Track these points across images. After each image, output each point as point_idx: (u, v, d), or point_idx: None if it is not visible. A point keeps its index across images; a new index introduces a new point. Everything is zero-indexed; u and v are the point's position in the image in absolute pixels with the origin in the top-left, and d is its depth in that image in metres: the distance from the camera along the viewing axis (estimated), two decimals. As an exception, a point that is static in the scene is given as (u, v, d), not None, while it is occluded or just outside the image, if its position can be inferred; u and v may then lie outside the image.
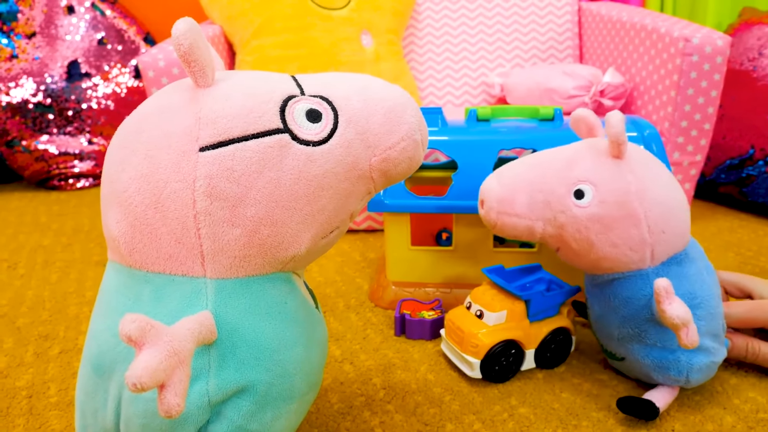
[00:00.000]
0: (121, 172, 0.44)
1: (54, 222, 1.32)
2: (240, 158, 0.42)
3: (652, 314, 0.62)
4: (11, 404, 0.69)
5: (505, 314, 0.70)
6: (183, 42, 0.41)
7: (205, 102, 0.43)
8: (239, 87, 0.45)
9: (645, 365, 0.65)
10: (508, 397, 0.68)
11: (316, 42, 1.30)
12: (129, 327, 0.34)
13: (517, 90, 1.34)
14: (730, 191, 1.33)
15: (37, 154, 1.54)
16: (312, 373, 0.50)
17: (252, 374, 0.44)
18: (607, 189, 0.61)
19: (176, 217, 0.42)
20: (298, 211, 0.45)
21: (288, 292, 0.48)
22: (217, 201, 0.42)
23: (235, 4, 1.30)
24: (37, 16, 1.52)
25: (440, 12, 1.48)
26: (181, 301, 0.43)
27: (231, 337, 0.44)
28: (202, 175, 0.42)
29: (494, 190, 0.64)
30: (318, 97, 0.47)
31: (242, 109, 0.43)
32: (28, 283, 1.01)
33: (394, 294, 0.89)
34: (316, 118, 0.46)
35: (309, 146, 0.45)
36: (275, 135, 0.44)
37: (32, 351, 0.80)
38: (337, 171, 0.46)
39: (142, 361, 0.34)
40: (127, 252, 0.44)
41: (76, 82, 1.54)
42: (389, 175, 0.50)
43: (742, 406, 0.66)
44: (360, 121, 0.48)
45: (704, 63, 1.06)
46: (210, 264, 0.43)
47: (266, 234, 0.44)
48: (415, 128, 0.50)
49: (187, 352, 0.37)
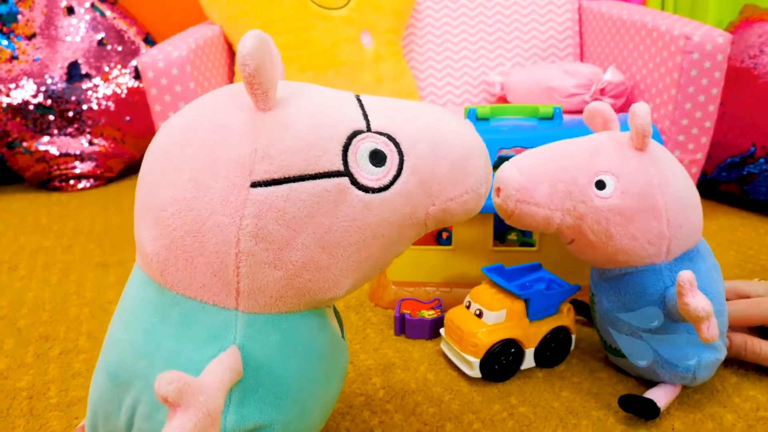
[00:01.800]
0: (161, 187, 0.41)
1: (55, 223, 1.32)
2: (294, 200, 0.39)
3: (664, 309, 0.62)
4: (11, 405, 0.69)
5: (504, 313, 0.70)
6: (250, 63, 0.37)
7: (264, 131, 0.40)
8: (303, 114, 0.41)
9: (653, 360, 0.65)
10: (508, 396, 0.68)
11: (316, 42, 1.30)
12: (167, 389, 0.32)
13: (518, 89, 1.34)
14: (731, 189, 1.32)
15: (37, 156, 1.54)
16: (329, 405, 0.49)
17: (271, 413, 0.43)
18: (629, 180, 0.60)
19: (216, 251, 0.40)
20: (345, 258, 0.42)
21: (318, 329, 0.46)
22: (262, 243, 0.39)
23: (234, 4, 1.30)
24: (37, 18, 1.53)
25: (440, 11, 1.48)
26: (210, 330, 0.41)
27: (256, 374, 0.42)
28: (251, 213, 0.39)
29: (514, 178, 0.62)
30: (385, 136, 0.43)
31: (303, 144, 0.40)
32: (29, 285, 1.01)
33: (394, 293, 0.89)
34: (380, 161, 0.42)
35: (369, 193, 0.42)
36: (335, 178, 0.40)
37: (32, 352, 0.80)
38: (392, 220, 0.43)
39: (178, 424, 0.33)
40: (159, 272, 0.42)
41: (77, 83, 1.54)
42: (443, 223, 0.47)
43: (742, 405, 0.66)
44: (426, 169, 0.44)
45: (705, 61, 1.05)
46: (245, 300, 0.41)
47: (308, 278, 0.42)
48: (482, 181, 0.46)
49: (220, 410, 0.36)
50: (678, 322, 0.62)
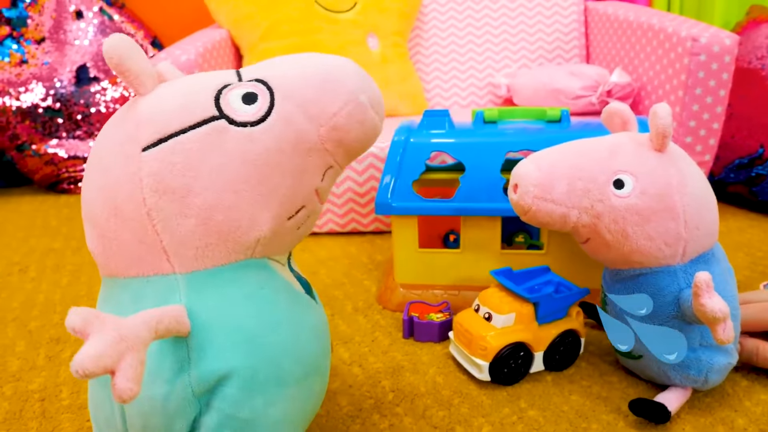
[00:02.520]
0: (87, 189, 0.47)
1: (64, 225, 1.33)
2: (180, 150, 0.43)
3: (678, 311, 0.62)
4: (24, 407, 0.69)
5: (513, 317, 0.70)
6: (113, 55, 0.43)
7: (143, 107, 0.45)
8: (176, 87, 0.46)
9: (664, 363, 0.64)
10: (517, 400, 0.68)
11: (322, 45, 1.31)
12: (72, 319, 0.35)
13: (524, 91, 1.34)
14: (739, 191, 1.32)
15: (46, 158, 1.55)
16: (305, 357, 0.49)
17: (232, 360, 0.44)
18: (648, 180, 0.60)
19: (133, 218, 0.44)
20: (248, 192, 0.45)
21: (265, 279, 0.48)
22: (165, 195, 0.43)
23: (241, 7, 1.31)
24: (46, 22, 1.54)
25: (446, 13, 1.48)
26: (156, 299, 0.44)
27: (207, 326, 0.44)
28: (146, 173, 0.43)
29: (532, 175, 0.63)
30: (253, 81, 0.47)
31: (177, 105, 0.45)
32: (39, 287, 1.02)
33: (402, 296, 0.89)
34: (252, 100, 0.46)
35: (247, 127, 0.45)
36: (211, 122, 0.44)
37: (44, 354, 0.81)
38: (282, 147, 0.46)
39: (86, 348, 0.34)
40: (103, 263, 0.46)
41: (85, 87, 1.55)
42: (345, 144, 0.49)
43: (753, 409, 0.65)
44: (296, 93, 0.47)
45: (712, 62, 1.05)
46: (175, 258, 0.44)
47: (220, 219, 0.44)
48: (355, 90, 0.48)
49: (137, 338, 0.37)
50: (692, 324, 0.62)
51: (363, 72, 0.50)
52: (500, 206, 0.81)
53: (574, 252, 0.83)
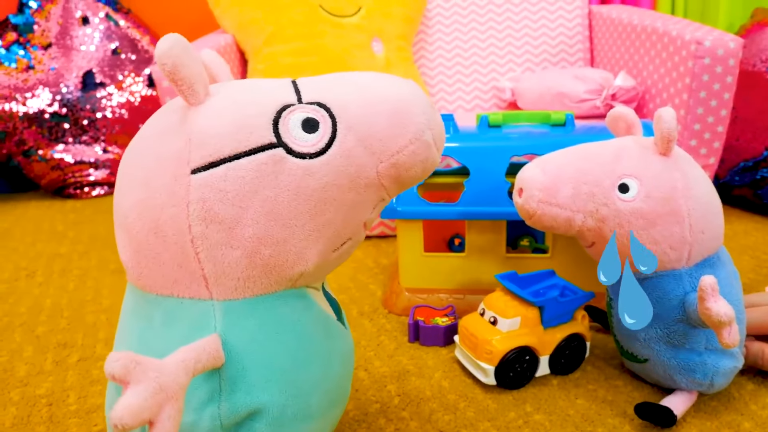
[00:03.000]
0: (123, 198, 0.44)
1: (70, 230, 1.34)
2: (233, 178, 0.41)
3: (683, 315, 0.62)
4: (32, 412, 0.70)
5: (518, 321, 0.70)
6: (166, 61, 0.39)
7: (195, 121, 0.42)
8: (231, 101, 0.43)
9: (670, 367, 0.64)
10: (523, 404, 0.68)
11: (327, 49, 1.31)
12: (112, 366, 0.33)
13: (528, 94, 1.34)
14: (744, 194, 1.32)
15: (53, 163, 1.56)
16: (333, 389, 0.49)
17: (263, 396, 0.43)
18: (653, 185, 0.60)
19: (175, 242, 0.42)
20: (300, 227, 0.43)
21: (302, 309, 0.46)
22: (212, 224, 0.41)
23: (246, 12, 1.32)
24: (53, 28, 1.55)
25: (450, 17, 1.48)
26: (190, 324, 0.43)
27: (240, 359, 0.42)
28: (195, 198, 0.41)
29: (537, 178, 0.63)
30: (315, 104, 0.44)
31: (233, 126, 0.41)
32: (46, 292, 1.02)
33: (408, 300, 0.89)
34: (313, 128, 0.43)
35: (306, 159, 0.42)
36: (268, 150, 0.42)
37: (51, 359, 0.81)
38: (339, 182, 0.44)
39: (125, 399, 0.33)
40: (135, 277, 0.45)
41: (91, 92, 1.56)
42: (402, 180, 0.47)
43: (759, 412, 0.65)
44: (360, 126, 0.44)
45: (716, 65, 1.05)
46: (214, 286, 0.43)
47: (268, 254, 0.42)
48: (423, 128, 0.45)
49: (178, 386, 0.36)
50: (697, 327, 0.62)
51: (429, 104, 0.47)
52: (505, 210, 0.81)
53: (579, 256, 0.83)
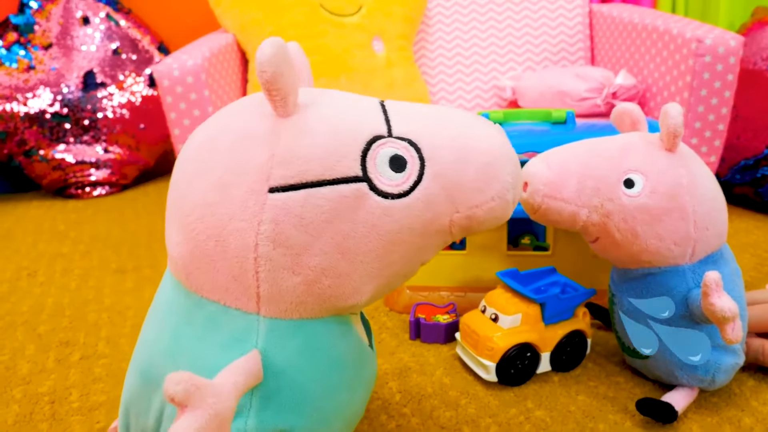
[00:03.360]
0: (186, 194, 0.42)
1: (72, 230, 1.34)
2: (311, 206, 0.39)
3: (686, 311, 0.62)
4: (34, 410, 0.70)
5: (520, 317, 0.70)
6: (267, 69, 0.38)
7: (282, 136, 0.40)
8: (322, 120, 0.41)
9: (673, 363, 0.64)
10: (524, 401, 0.68)
11: (328, 49, 1.31)
12: (174, 389, 0.33)
13: (529, 93, 1.34)
14: (745, 192, 1.32)
15: (54, 163, 1.57)
16: (352, 415, 0.48)
17: (292, 419, 0.43)
18: (658, 180, 0.60)
19: (236, 256, 0.40)
20: (365, 264, 0.42)
21: (341, 335, 0.45)
22: (280, 248, 0.40)
23: (247, 12, 1.32)
24: (54, 28, 1.55)
25: (451, 16, 1.48)
26: (233, 334, 0.42)
27: (276, 378, 0.42)
28: (268, 218, 0.39)
29: (543, 173, 0.63)
30: (406, 141, 0.42)
31: (321, 150, 0.40)
32: (48, 291, 1.03)
33: (409, 298, 0.89)
34: (401, 167, 0.42)
35: (387, 199, 0.41)
36: (353, 183, 0.40)
37: (53, 357, 0.81)
38: (413, 227, 0.42)
39: (184, 424, 0.33)
40: (184, 275, 0.44)
41: (92, 92, 1.56)
42: (470, 230, 0.46)
43: (760, 408, 0.65)
44: (449, 175, 0.43)
45: (717, 64, 1.05)
46: (265, 305, 0.42)
47: (327, 285, 0.42)
48: (508, 188, 0.44)
49: (229, 412, 0.36)
50: (700, 323, 0.62)
51: (517, 163, 0.46)
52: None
53: (580, 253, 0.83)
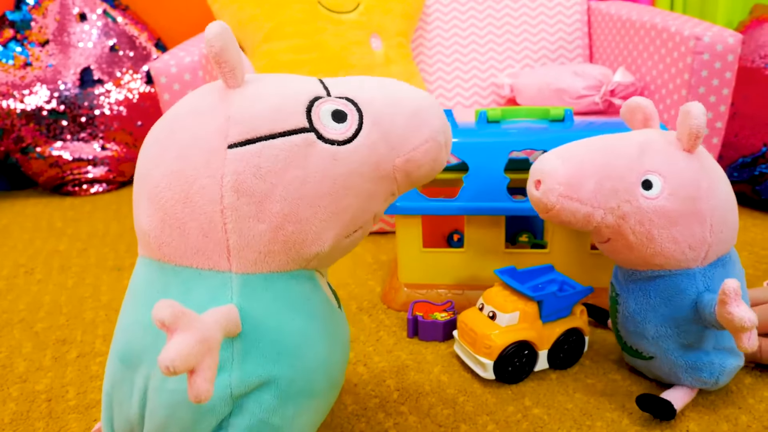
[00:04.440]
0: (153, 168, 0.46)
1: (69, 227, 1.34)
2: (267, 155, 0.44)
3: (695, 314, 0.60)
4: (31, 408, 0.70)
5: (517, 315, 0.70)
6: (215, 44, 0.43)
7: (234, 101, 0.45)
8: (268, 87, 0.47)
9: (677, 365, 0.64)
10: (522, 398, 0.68)
11: (326, 46, 1.31)
12: (163, 312, 0.35)
13: (527, 90, 1.34)
14: (743, 189, 1.32)
15: (51, 161, 1.56)
16: (333, 370, 0.51)
17: (274, 369, 0.45)
18: (678, 183, 0.58)
19: (204, 212, 0.44)
20: (322, 209, 0.46)
21: (312, 290, 0.49)
22: (244, 196, 0.44)
23: (245, 9, 1.31)
24: (50, 24, 1.54)
25: (449, 14, 1.48)
26: (208, 293, 0.45)
27: (255, 331, 0.45)
28: (230, 171, 0.43)
29: (559, 171, 0.59)
30: (344, 99, 0.48)
31: (270, 109, 0.45)
32: (45, 288, 1.02)
33: (407, 296, 0.89)
34: (342, 119, 0.47)
35: (334, 145, 0.46)
36: (301, 134, 0.45)
37: (50, 355, 0.81)
38: (362, 171, 0.47)
39: (175, 345, 0.35)
40: (156, 246, 0.46)
41: (89, 89, 1.56)
42: (412, 176, 0.51)
43: (757, 406, 0.66)
44: (384, 122, 0.48)
45: (715, 61, 1.05)
46: (236, 259, 0.45)
47: (291, 230, 0.45)
48: (438, 130, 0.51)
49: (215, 341, 0.38)
50: (710, 328, 0.61)
51: (443, 112, 0.53)
52: (504, 206, 0.81)
53: (578, 251, 0.83)
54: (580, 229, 0.63)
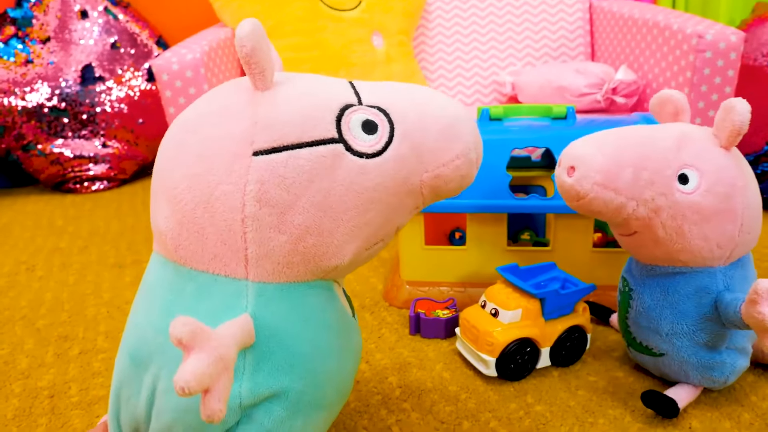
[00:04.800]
0: (173, 169, 0.44)
1: (70, 225, 1.34)
2: (293, 166, 0.42)
3: (714, 313, 0.60)
4: (33, 404, 0.70)
5: (520, 312, 0.70)
6: (246, 44, 0.41)
7: (262, 105, 0.43)
8: (298, 92, 0.45)
9: (688, 364, 0.63)
10: (524, 395, 0.68)
11: (327, 43, 1.31)
12: (180, 330, 0.34)
13: (529, 88, 1.34)
14: (744, 188, 1.32)
15: (52, 158, 1.56)
16: (343, 382, 0.50)
17: (285, 381, 0.44)
18: (715, 179, 0.57)
19: (224, 219, 0.43)
20: (345, 222, 0.45)
21: (327, 300, 0.48)
22: (266, 207, 0.42)
23: (246, 6, 1.31)
24: (51, 21, 1.54)
25: (450, 11, 1.48)
26: (223, 300, 0.44)
27: (268, 341, 0.44)
28: (253, 179, 0.42)
29: (596, 160, 0.57)
30: (375, 108, 0.46)
31: (299, 116, 0.43)
32: (47, 285, 1.02)
33: (409, 293, 0.89)
34: (372, 130, 0.45)
35: (362, 158, 0.44)
36: (330, 144, 0.43)
37: (52, 352, 0.81)
38: (388, 185, 0.46)
39: (191, 365, 0.34)
40: (173, 247, 0.45)
41: (90, 86, 1.56)
42: (440, 191, 0.50)
43: (759, 404, 0.66)
44: (416, 135, 0.47)
45: (718, 59, 1.05)
46: (253, 268, 0.44)
47: (311, 243, 0.44)
48: (471, 147, 0.49)
49: (231, 359, 0.37)
50: (727, 327, 0.60)
51: (476, 127, 0.50)
52: (506, 203, 0.81)
53: (580, 248, 0.83)
54: (608, 220, 0.61)
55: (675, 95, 0.63)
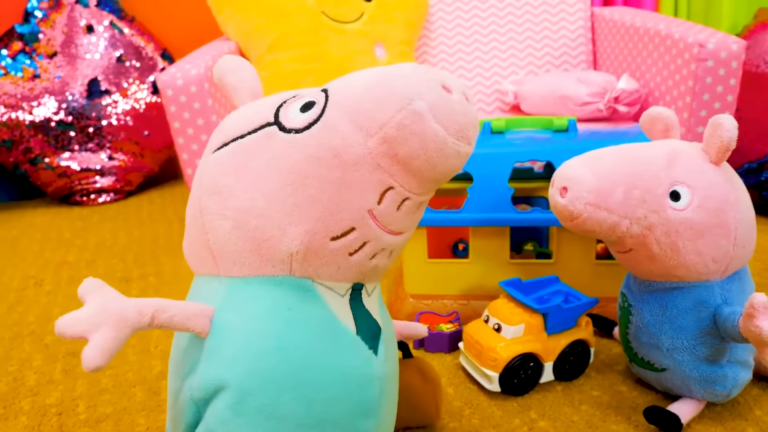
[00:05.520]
0: None
1: (77, 237, 1.35)
2: (235, 152, 0.45)
3: (713, 327, 0.60)
4: (42, 422, 0.70)
5: (523, 327, 0.70)
6: (215, 73, 0.51)
7: (227, 117, 0.49)
8: (260, 101, 0.49)
9: (690, 378, 0.63)
10: (528, 410, 0.69)
11: (330, 55, 1.32)
12: (81, 286, 0.40)
13: (531, 97, 1.34)
14: (749, 195, 1.32)
15: (59, 171, 1.58)
16: (318, 402, 0.44)
17: (227, 374, 0.42)
18: (706, 195, 0.58)
19: (195, 217, 0.47)
20: (282, 201, 0.43)
21: (297, 299, 0.45)
22: (213, 195, 0.45)
23: (249, 19, 1.32)
24: (58, 36, 1.56)
25: (452, 21, 1.49)
26: (205, 298, 0.46)
27: (221, 333, 0.43)
28: (206, 174, 0.46)
29: (587, 179, 0.58)
30: (321, 90, 0.46)
31: (247, 114, 0.47)
32: (55, 300, 1.03)
33: (412, 306, 0.89)
34: (308, 108, 0.45)
35: (292, 133, 0.44)
36: (266, 128, 0.45)
37: (60, 368, 0.82)
38: (321, 155, 0.42)
39: (71, 313, 0.38)
40: (188, 261, 0.50)
41: (96, 100, 1.57)
42: (401, 160, 0.42)
43: (764, 418, 0.65)
44: (347, 101, 0.43)
45: (719, 68, 1.05)
46: (219, 260, 0.46)
47: (254, 226, 0.43)
48: (410, 95, 0.41)
49: (120, 316, 0.39)
50: (727, 341, 0.61)
51: (430, 75, 0.42)
52: (509, 216, 0.81)
53: (583, 261, 0.83)
54: (603, 239, 0.62)
55: (664, 113, 0.64)
